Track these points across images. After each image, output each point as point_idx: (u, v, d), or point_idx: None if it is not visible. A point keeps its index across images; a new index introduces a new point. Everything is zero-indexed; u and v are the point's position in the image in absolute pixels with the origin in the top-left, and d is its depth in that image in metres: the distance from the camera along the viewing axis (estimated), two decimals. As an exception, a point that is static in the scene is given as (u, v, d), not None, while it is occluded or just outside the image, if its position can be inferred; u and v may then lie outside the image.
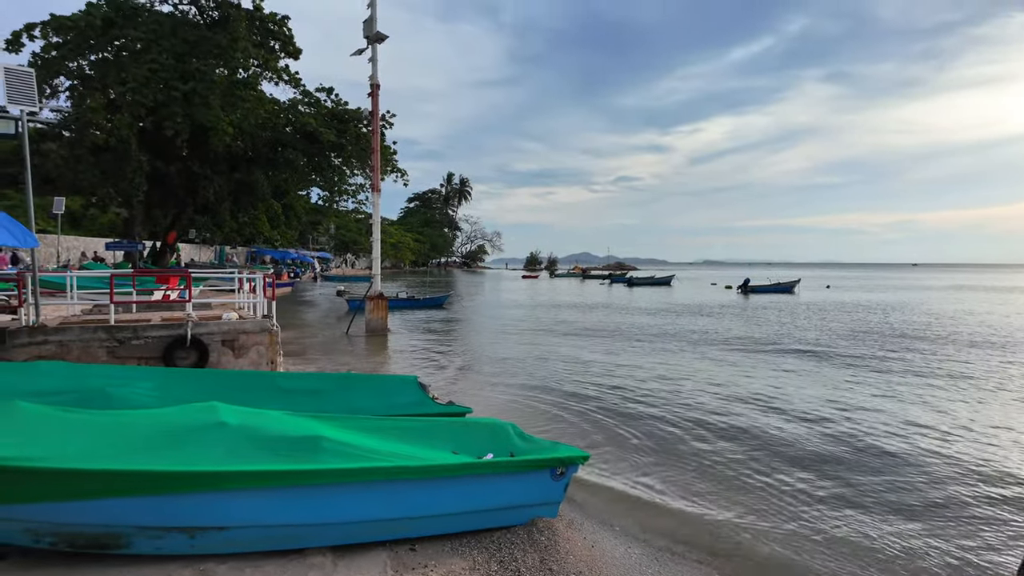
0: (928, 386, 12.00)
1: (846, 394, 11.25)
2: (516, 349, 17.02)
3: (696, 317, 27.33)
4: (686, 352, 16.56)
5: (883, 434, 8.69)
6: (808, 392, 11.40)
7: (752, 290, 48.03)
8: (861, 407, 10.24)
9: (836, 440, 8.39)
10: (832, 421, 9.35)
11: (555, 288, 60.47)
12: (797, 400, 10.70)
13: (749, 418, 9.52)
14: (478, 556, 4.68)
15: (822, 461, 7.53)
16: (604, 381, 12.34)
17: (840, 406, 10.30)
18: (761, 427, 9.00)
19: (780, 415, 9.69)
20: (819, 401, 10.64)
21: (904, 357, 15.54)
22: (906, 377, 12.88)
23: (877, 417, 9.61)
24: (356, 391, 7.82)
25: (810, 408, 10.13)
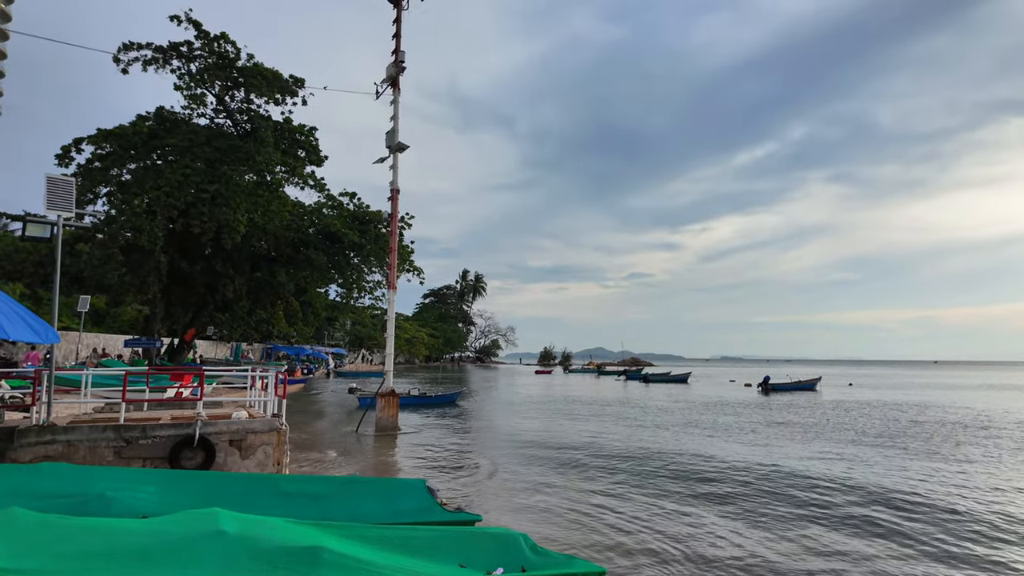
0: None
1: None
2: (530, 450, 16.50)
3: (717, 415, 26.54)
4: (713, 456, 15.92)
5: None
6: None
7: (773, 388, 46.85)
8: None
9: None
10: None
11: (569, 384, 59.53)
12: (837, 472, 10.09)
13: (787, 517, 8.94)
14: None
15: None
16: (622, 485, 11.80)
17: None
18: (776, 510, 8.43)
19: (796, 487, 9.10)
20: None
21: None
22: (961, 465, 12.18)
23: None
24: (360, 495, 7.55)
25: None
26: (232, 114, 29.32)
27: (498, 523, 8.21)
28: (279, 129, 29.53)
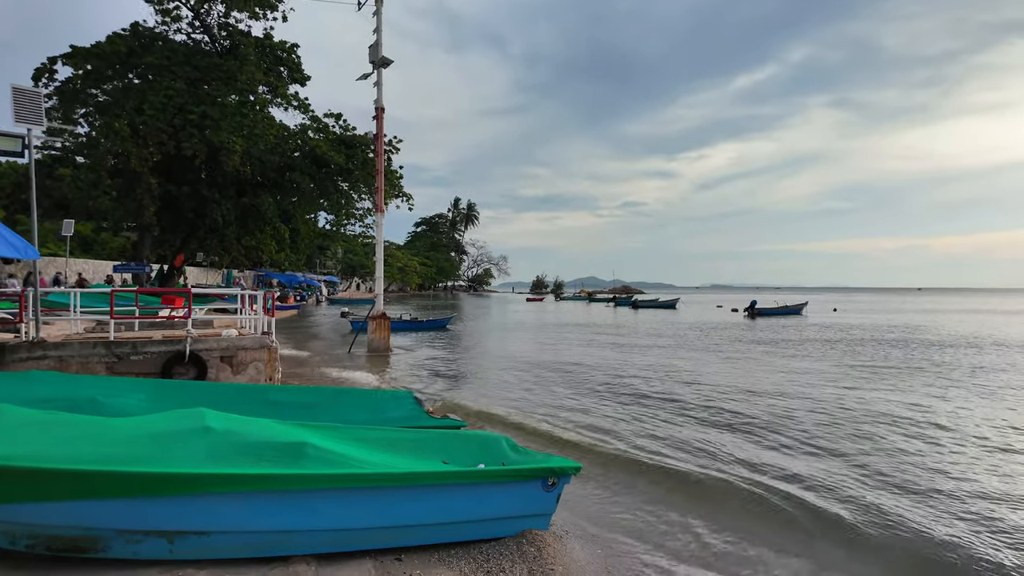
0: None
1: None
2: (519, 366, 16.92)
3: (701, 335, 27.16)
4: (691, 360, 16.40)
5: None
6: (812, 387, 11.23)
7: (759, 313, 47.66)
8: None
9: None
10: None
11: (560, 310, 60.37)
12: (812, 394, 10.53)
13: (762, 421, 9.35)
14: (465, 567, 4.59)
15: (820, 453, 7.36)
16: (607, 395, 12.21)
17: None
18: (766, 424, 8.84)
19: (776, 407, 9.52)
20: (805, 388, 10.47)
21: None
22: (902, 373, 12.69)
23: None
24: (349, 405, 7.79)
25: (820, 401, 9.96)
26: (209, 30, 27.90)
27: (482, 429, 8.50)
28: (260, 46, 28.23)
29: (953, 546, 5.39)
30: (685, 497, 6.67)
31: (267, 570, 4.22)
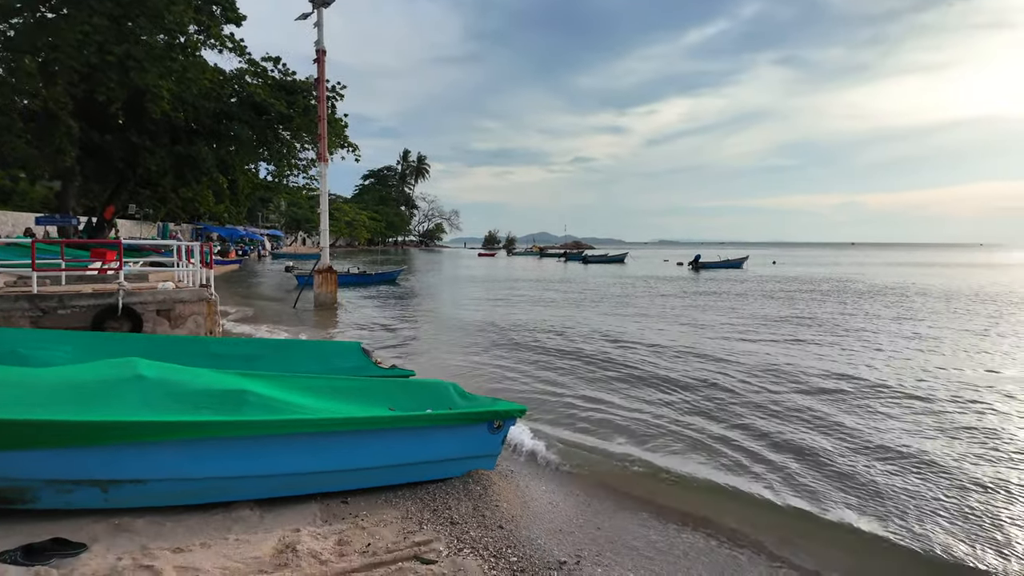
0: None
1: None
2: (469, 318, 17.01)
3: (647, 287, 27.88)
4: (633, 317, 16.87)
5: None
6: (743, 346, 11.80)
7: (702, 266, 49.18)
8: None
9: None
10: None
11: (512, 265, 60.66)
12: (738, 354, 11.05)
13: (690, 372, 9.77)
14: (411, 506, 4.69)
15: (750, 406, 7.80)
16: (553, 345, 12.46)
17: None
18: (701, 378, 9.25)
19: (703, 362, 9.98)
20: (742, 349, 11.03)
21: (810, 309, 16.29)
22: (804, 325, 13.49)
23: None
24: (294, 356, 7.68)
25: (749, 362, 10.48)
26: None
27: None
28: (187, -22, 26.13)
29: (851, 475, 5.85)
30: (628, 437, 6.95)
31: (209, 516, 4.20)
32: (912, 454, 6.32)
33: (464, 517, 4.56)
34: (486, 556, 3.95)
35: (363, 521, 4.34)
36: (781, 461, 6.11)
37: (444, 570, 3.69)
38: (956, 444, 6.67)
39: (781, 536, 4.51)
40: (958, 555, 4.28)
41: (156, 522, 3.97)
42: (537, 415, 7.54)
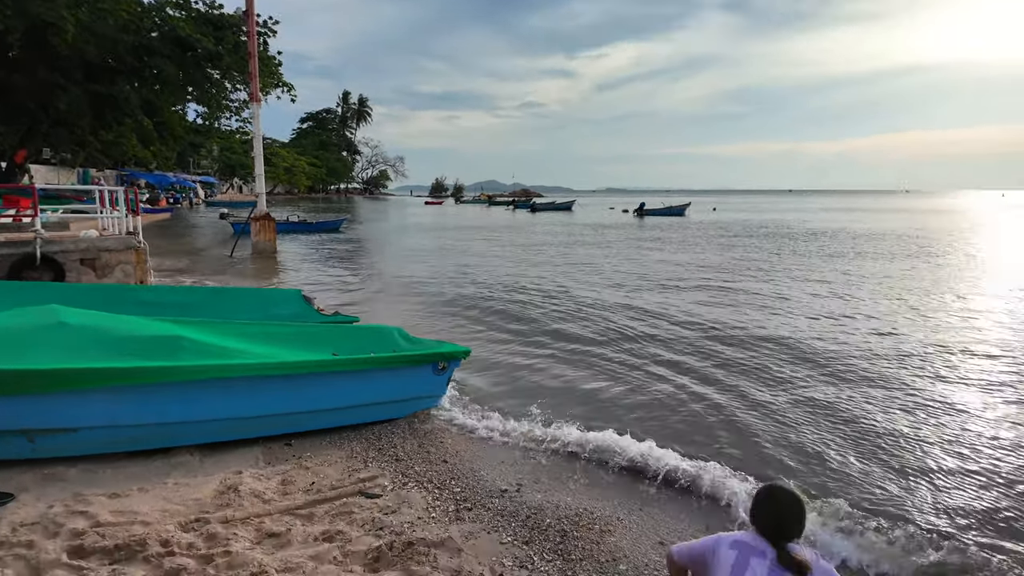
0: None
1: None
2: (416, 267, 16.88)
3: (594, 233, 28.26)
4: (579, 264, 17.15)
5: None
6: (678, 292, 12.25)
7: (647, 213, 50.08)
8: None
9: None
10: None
11: (460, 213, 60.08)
12: (678, 302, 11.47)
13: (630, 318, 10.10)
14: (356, 446, 4.75)
15: (690, 348, 8.18)
16: (500, 291, 12.57)
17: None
18: (639, 324, 9.57)
19: (641, 308, 10.36)
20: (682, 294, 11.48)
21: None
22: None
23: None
24: (231, 304, 7.47)
25: (684, 307, 10.91)
26: None
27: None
28: None
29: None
30: (572, 367, 7.19)
31: (148, 462, 4.15)
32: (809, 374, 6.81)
33: (409, 454, 4.67)
34: (430, 488, 4.08)
35: (307, 462, 4.38)
36: (709, 405, 6.47)
37: (388, 503, 3.80)
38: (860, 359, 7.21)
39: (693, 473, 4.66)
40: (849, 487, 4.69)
41: (90, 470, 3.89)
42: (483, 357, 7.66)
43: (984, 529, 3.78)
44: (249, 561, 2.97)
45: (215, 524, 3.32)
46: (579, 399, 6.30)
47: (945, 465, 4.70)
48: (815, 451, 4.96)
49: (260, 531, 3.35)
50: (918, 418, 5.70)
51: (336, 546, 3.23)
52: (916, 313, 10.55)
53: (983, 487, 4.34)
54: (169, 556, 2.99)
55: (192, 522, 3.33)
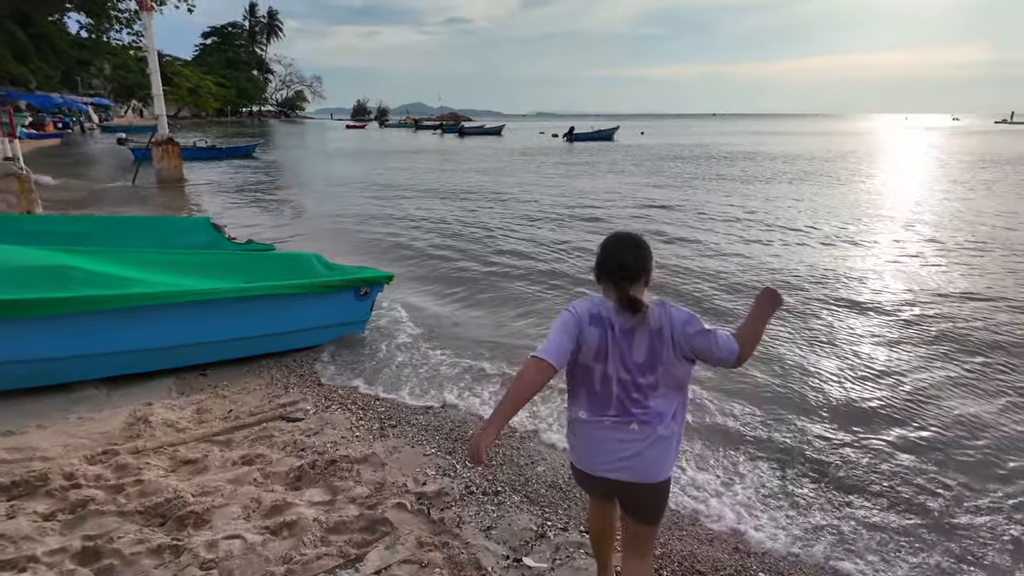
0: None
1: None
2: (339, 193, 16.23)
3: (524, 159, 27.98)
4: (510, 190, 17.03)
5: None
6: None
7: (576, 138, 49.87)
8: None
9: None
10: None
11: (385, 138, 57.72)
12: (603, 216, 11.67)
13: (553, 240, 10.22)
14: (277, 373, 4.67)
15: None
16: (426, 217, 12.35)
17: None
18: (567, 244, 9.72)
19: (587, 212, 10.54)
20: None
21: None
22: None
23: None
24: (131, 233, 6.96)
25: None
26: None
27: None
28: None
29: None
30: (498, 296, 7.27)
31: (47, 398, 3.93)
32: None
33: (332, 379, 4.64)
34: (354, 409, 4.09)
35: (224, 391, 4.28)
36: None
37: (311, 425, 3.79)
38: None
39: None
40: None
41: (-21, 410, 3.64)
42: (409, 284, 7.58)
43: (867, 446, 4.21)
44: (163, 488, 2.92)
45: (125, 455, 3.22)
46: (502, 326, 6.38)
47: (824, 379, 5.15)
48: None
49: (175, 459, 3.28)
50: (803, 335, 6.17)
51: (256, 468, 3.22)
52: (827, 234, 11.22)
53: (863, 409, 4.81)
54: (75, 488, 2.89)
55: (99, 455, 3.21)
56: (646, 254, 1.89)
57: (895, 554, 2.80)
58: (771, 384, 4.65)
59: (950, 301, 6.80)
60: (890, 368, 4.98)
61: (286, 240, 10.03)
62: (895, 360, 5.16)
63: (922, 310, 6.48)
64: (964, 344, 5.48)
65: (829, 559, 2.74)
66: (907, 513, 3.10)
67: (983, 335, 5.68)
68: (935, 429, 3.98)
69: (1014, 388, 4.61)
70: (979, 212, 12.96)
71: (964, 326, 5.94)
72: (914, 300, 6.85)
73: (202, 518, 2.73)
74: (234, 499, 2.90)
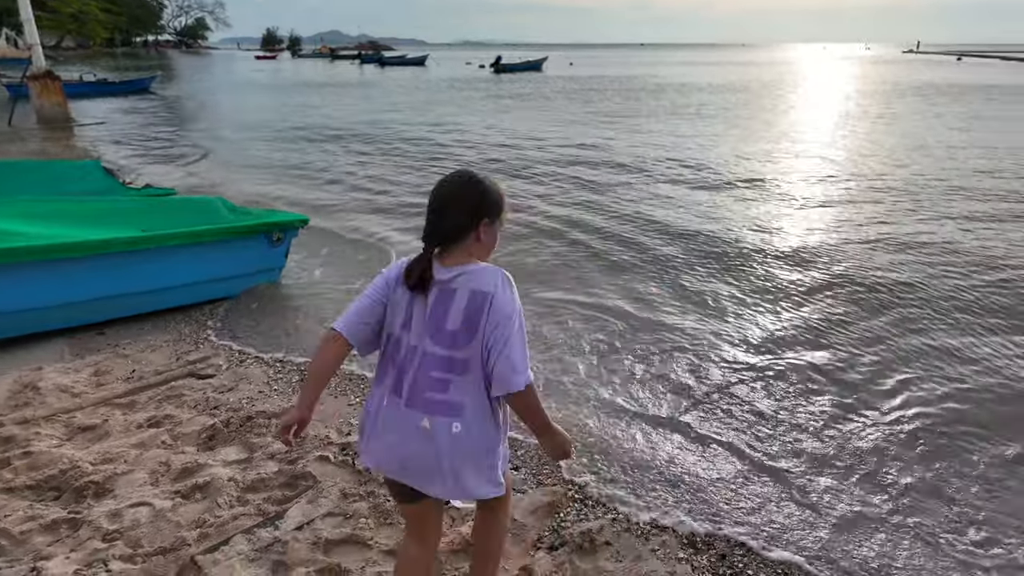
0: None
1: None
2: (251, 132, 15.12)
3: (453, 91, 26.95)
4: (435, 125, 16.41)
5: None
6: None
7: (504, 68, 48.40)
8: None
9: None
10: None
11: (299, 70, 54.03)
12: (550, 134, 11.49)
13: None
14: (185, 328, 4.39)
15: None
16: (344, 152, 11.75)
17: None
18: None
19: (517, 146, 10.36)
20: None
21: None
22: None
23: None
24: (9, 180, 6.19)
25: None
26: None
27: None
28: None
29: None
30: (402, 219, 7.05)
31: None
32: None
33: (247, 331, 4.40)
34: (271, 363, 3.91)
35: (125, 350, 3.98)
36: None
37: (224, 381, 3.60)
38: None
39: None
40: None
41: None
42: (329, 228, 7.21)
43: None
44: (57, 459, 2.70)
45: (10, 426, 2.95)
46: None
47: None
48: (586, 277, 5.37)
49: (70, 427, 3.03)
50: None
51: (165, 430, 3.03)
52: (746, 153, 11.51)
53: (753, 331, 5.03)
54: (-50, 469, 2.62)
55: (-22, 429, 2.92)
56: (473, 202, 1.48)
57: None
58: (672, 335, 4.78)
59: (859, 245, 7.17)
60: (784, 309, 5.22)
61: (191, 186, 9.30)
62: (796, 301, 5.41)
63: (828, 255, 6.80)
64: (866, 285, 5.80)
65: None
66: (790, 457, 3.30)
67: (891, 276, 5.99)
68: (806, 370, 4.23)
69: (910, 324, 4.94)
70: (889, 143, 13.65)
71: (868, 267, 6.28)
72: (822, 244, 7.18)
73: (103, 487, 2.56)
74: (139, 465, 2.73)
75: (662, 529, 2.46)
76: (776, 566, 2.28)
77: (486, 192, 1.50)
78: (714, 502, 2.64)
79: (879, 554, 2.37)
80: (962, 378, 3.78)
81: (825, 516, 2.58)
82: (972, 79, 35.51)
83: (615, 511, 2.56)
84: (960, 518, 2.59)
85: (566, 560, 2.24)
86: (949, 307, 4.83)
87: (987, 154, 11.50)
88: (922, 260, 5.90)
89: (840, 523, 2.55)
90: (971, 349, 4.16)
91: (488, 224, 1.51)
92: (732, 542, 2.40)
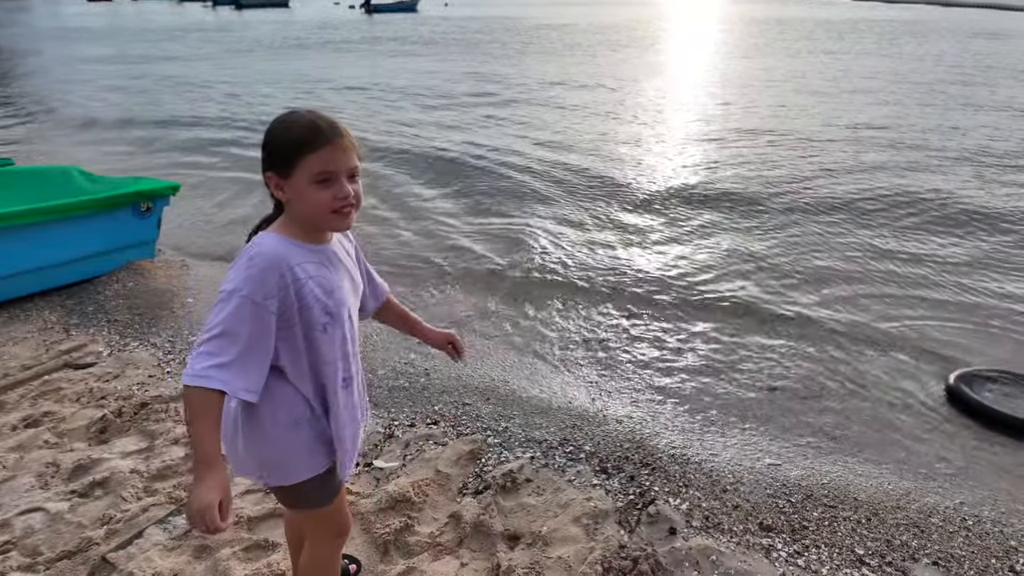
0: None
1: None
2: (92, 89, 13.38)
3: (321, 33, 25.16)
4: (303, 81, 15.36)
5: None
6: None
7: (375, 9, 45.79)
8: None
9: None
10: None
11: (141, 14, 47.89)
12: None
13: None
14: (51, 315, 3.96)
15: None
16: (208, 115, 10.78)
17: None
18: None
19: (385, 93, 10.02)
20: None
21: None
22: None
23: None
24: None
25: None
26: None
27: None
28: None
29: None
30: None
31: None
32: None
33: (126, 313, 4.05)
34: (159, 344, 3.65)
35: (-20, 346, 3.54)
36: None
37: (108, 369, 3.33)
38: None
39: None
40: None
41: None
42: (200, 194, 6.68)
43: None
44: (-83, 477, 2.41)
45: None
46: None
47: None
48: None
49: (-73, 439, 2.70)
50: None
51: (46, 428, 2.79)
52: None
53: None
54: None
55: None
56: (265, 146, 1.26)
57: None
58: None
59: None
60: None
61: (31, 150, 8.17)
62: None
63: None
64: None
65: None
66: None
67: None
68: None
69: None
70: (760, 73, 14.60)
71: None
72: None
73: (-18, 500, 2.33)
74: (22, 469, 2.51)
75: (576, 460, 2.66)
76: (677, 479, 2.56)
77: (265, 140, 1.25)
78: (619, 432, 2.88)
79: (766, 450, 2.73)
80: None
81: (712, 427, 2.93)
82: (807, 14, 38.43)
83: (532, 450, 2.72)
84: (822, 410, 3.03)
85: (491, 501, 2.37)
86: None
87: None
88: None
89: (722, 430, 2.91)
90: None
91: (274, 178, 1.24)
92: (638, 463, 2.64)
